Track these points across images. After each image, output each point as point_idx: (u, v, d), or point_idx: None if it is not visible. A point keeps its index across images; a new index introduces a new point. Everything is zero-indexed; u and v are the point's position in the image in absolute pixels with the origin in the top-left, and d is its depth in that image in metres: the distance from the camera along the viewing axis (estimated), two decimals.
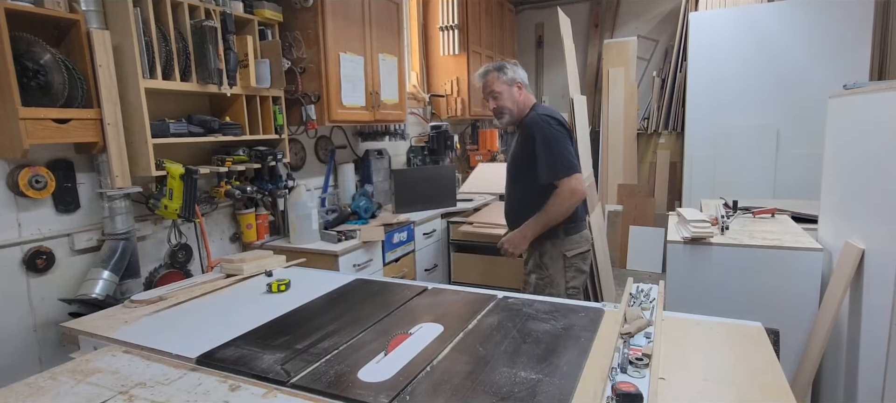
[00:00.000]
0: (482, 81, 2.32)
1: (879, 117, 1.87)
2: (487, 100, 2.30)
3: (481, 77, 2.32)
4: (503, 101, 2.26)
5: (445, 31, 4.38)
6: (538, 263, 2.28)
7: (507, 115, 2.27)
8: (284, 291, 1.80)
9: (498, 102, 2.27)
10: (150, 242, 2.28)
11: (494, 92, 2.26)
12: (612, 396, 1.04)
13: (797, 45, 4.13)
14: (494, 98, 2.26)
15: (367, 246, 2.77)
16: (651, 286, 1.62)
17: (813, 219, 2.57)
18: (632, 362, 1.16)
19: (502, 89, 2.25)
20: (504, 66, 2.29)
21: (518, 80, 2.27)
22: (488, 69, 2.30)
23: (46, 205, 1.93)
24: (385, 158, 3.77)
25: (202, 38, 2.17)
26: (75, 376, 1.21)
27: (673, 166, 5.25)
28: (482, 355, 1.24)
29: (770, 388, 1.08)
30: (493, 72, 2.28)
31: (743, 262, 2.21)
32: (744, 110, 4.36)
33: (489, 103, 2.30)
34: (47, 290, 1.93)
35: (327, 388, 1.09)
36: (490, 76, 2.28)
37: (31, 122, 1.71)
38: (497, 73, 2.27)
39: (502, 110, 2.27)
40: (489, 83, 2.28)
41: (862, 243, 1.94)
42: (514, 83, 2.26)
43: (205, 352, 1.29)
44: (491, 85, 2.27)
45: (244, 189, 2.47)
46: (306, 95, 2.77)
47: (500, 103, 2.26)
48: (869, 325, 1.90)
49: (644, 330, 1.32)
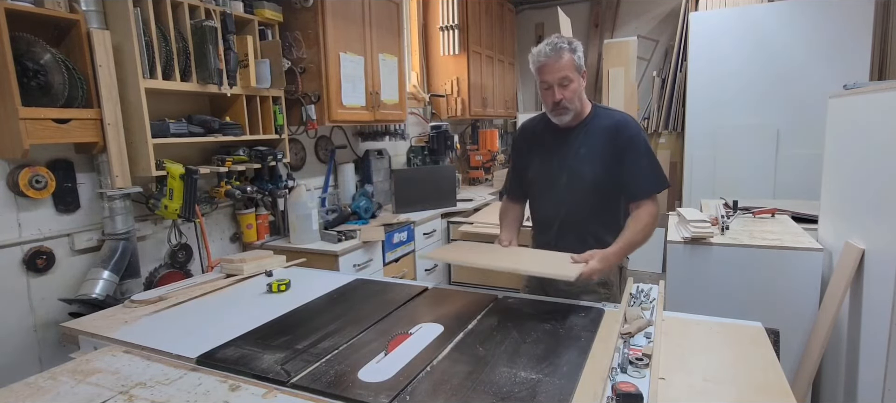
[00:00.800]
0: (550, 60, 1.69)
1: (879, 117, 1.87)
2: (551, 87, 1.71)
3: (552, 53, 1.69)
4: (573, 93, 1.72)
5: (445, 31, 4.38)
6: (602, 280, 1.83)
7: (571, 112, 1.75)
8: (284, 291, 1.80)
9: (567, 92, 1.70)
10: (150, 242, 2.27)
11: (568, 78, 1.69)
12: (612, 396, 1.04)
13: (797, 44, 4.13)
14: (564, 87, 1.70)
15: (368, 246, 2.77)
16: (651, 286, 1.63)
17: (813, 219, 2.57)
18: (632, 362, 1.16)
19: (575, 77, 1.72)
20: (576, 45, 1.73)
21: (584, 68, 1.76)
22: (560, 45, 1.68)
23: (47, 205, 1.93)
24: (385, 158, 3.77)
25: (202, 38, 2.17)
26: (75, 376, 1.21)
27: (673, 166, 5.25)
28: (482, 355, 1.24)
29: (770, 388, 1.08)
30: (568, 51, 1.69)
31: (743, 262, 2.21)
32: (744, 110, 4.36)
33: (553, 92, 1.70)
34: (47, 290, 1.93)
35: (327, 388, 1.09)
36: (565, 57, 1.68)
37: (32, 122, 1.71)
38: (572, 55, 1.70)
39: (569, 105, 1.73)
40: (564, 66, 1.68)
41: (862, 243, 1.94)
42: (583, 71, 1.75)
43: (205, 352, 1.29)
44: (566, 68, 1.68)
45: (244, 189, 2.47)
46: (306, 95, 2.77)
47: (570, 95, 1.71)
48: (869, 325, 1.90)
49: (644, 330, 1.33)
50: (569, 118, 1.77)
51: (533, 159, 1.92)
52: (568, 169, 1.81)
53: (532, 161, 1.92)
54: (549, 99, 1.74)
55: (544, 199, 1.89)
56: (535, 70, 1.75)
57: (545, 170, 1.87)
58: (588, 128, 1.81)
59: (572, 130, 1.82)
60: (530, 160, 1.93)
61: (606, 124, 1.79)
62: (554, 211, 1.85)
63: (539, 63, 1.72)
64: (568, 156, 1.81)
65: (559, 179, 1.83)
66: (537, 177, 1.90)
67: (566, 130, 1.83)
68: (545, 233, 1.90)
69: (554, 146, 1.85)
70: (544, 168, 1.87)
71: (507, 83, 5.33)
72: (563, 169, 1.82)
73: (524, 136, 1.98)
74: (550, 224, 1.87)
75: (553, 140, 1.86)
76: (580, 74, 1.74)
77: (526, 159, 1.95)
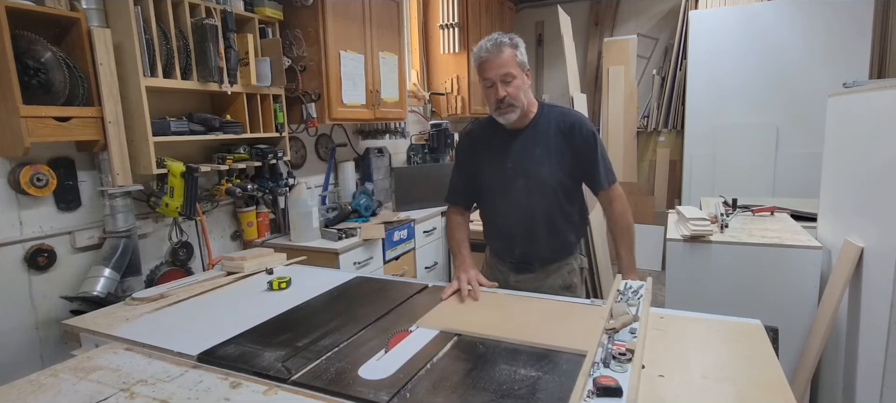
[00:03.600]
0: (491, 56, 1.65)
1: (879, 116, 1.87)
2: (494, 84, 1.66)
3: (492, 49, 1.64)
4: (517, 90, 1.67)
5: (445, 30, 4.38)
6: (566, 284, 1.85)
7: (518, 111, 1.69)
8: (285, 289, 1.81)
9: (510, 89, 1.65)
10: (151, 240, 2.28)
11: (511, 74, 1.65)
12: (592, 390, 1.05)
13: (797, 43, 4.13)
14: (507, 84, 1.65)
15: (368, 244, 2.77)
16: (640, 283, 1.62)
17: (812, 217, 2.58)
18: (615, 357, 1.17)
19: (518, 74, 1.67)
20: (517, 41, 1.69)
21: (528, 66, 1.72)
22: (501, 40, 1.65)
23: (48, 203, 1.94)
24: (385, 156, 3.78)
25: (203, 37, 2.17)
26: (77, 373, 1.22)
27: (672, 164, 5.25)
28: (482, 352, 1.24)
29: (769, 385, 1.08)
30: (510, 47, 1.65)
31: (742, 260, 2.22)
32: (743, 108, 4.36)
33: (496, 90, 1.65)
34: (49, 288, 1.94)
35: (328, 385, 1.10)
36: (506, 53, 1.64)
37: (33, 121, 1.71)
38: (513, 50, 1.66)
39: (515, 102, 1.67)
40: (506, 62, 1.64)
41: (861, 241, 1.94)
42: (526, 69, 1.71)
43: (206, 350, 1.29)
44: (507, 64, 1.64)
45: (245, 187, 2.48)
46: (307, 93, 2.77)
47: (514, 92, 1.66)
48: (868, 323, 1.91)
49: (629, 325, 1.33)
50: (515, 117, 1.71)
51: (482, 165, 1.85)
52: (524, 171, 1.75)
53: (481, 167, 1.85)
54: (492, 97, 1.68)
55: (501, 205, 1.82)
56: (477, 67, 1.70)
57: (499, 175, 1.79)
58: (539, 128, 1.76)
59: (522, 131, 1.77)
60: (479, 166, 1.86)
61: (559, 123, 1.76)
62: (515, 216, 1.80)
63: (480, 59, 1.67)
64: (523, 158, 1.75)
65: (516, 183, 1.77)
66: (491, 182, 1.82)
67: (515, 131, 1.77)
68: (507, 240, 1.85)
69: (505, 149, 1.77)
70: (498, 173, 1.80)
71: None
72: (518, 172, 1.76)
73: (469, 141, 1.89)
74: (512, 230, 1.82)
75: (503, 143, 1.78)
76: (523, 71, 1.70)
77: (473, 165, 1.87)
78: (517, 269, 1.86)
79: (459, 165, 1.95)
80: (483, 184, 1.86)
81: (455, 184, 1.95)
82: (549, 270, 1.84)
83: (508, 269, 1.88)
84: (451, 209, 1.95)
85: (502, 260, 1.90)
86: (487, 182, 1.84)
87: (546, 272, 1.84)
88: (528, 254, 1.82)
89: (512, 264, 1.87)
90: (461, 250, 1.85)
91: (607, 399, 1.03)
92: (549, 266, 1.84)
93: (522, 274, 1.86)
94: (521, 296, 1.66)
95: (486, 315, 1.48)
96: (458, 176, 1.94)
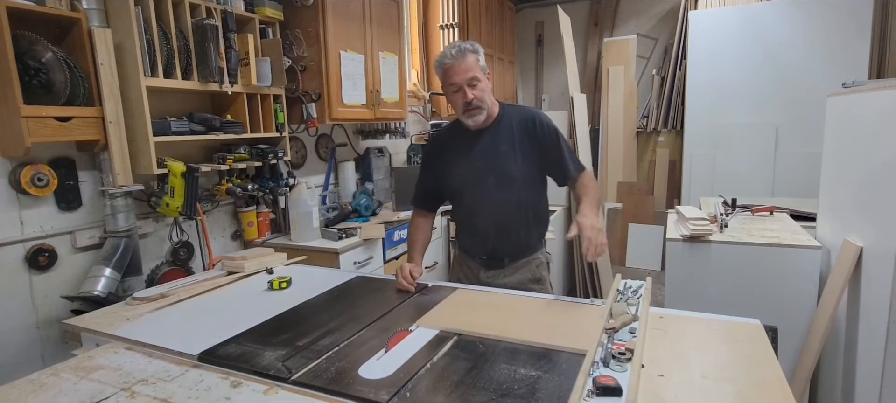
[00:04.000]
0: (455, 62, 1.72)
1: (878, 115, 1.87)
2: (460, 89, 1.74)
3: (457, 55, 1.73)
4: (483, 93, 1.77)
5: (446, 30, 4.39)
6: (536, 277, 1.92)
7: (484, 112, 1.78)
8: (285, 289, 1.81)
9: (476, 92, 1.74)
10: (151, 240, 2.28)
11: (476, 78, 1.74)
12: (592, 389, 1.05)
13: (796, 43, 4.14)
14: (473, 87, 1.74)
15: (368, 244, 2.77)
16: (640, 282, 1.63)
17: (811, 217, 2.58)
18: (615, 356, 1.17)
19: (482, 77, 1.76)
20: (478, 47, 1.78)
21: (488, 70, 1.82)
22: (463, 47, 1.74)
23: (48, 203, 1.94)
24: (385, 156, 3.78)
25: (203, 37, 2.17)
26: (78, 373, 1.22)
27: (672, 164, 5.25)
28: (482, 352, 1.25)
29: (768, 385, 1.08)
30: (472, 53, 1.74)
31: (741, 260, 2.22)
32: (743, 108, 4.37)
33: (464, 93, 1.73)
34: (49, 288, 1.94)
35: (328, 385, 1.10)
36: (469, 58, 1.73)
37: (33, 121, 1.71)
38: (476, 55, 1.75)
39: (481, 104, 1.76)
40: (470, 66, 1.72)
41: (860, 241, 1.94)
42: (487, 73, 1.81)
43: (206, 349, 1.30)
44: (472, 69, 1.73)
45: (245, 187, 2.48)
46: (307, 93, 2.77)
47: (480, 94, 1.75)
48: (867, 322, 1.91)
49: (629, 325, 1.33)
50: (482, 118, 1.79)
51: (451, 167, 1.90)
52: (493, 168, 1.82)
53: (450, 169, 1.90)
54: (459, 101, 1.76)
55: (473, 204, 1.88)
56: (442, 74, 1.77)
57: (469, 175, 1.85)
58: (502, 126, 1.84)
59: (487, 130, 1.84)
60: (448, 168, 1.90)
61: (520, 119, 1.84)
62: (488, 214, 1.85)
63: (445, 66, 1.75)
64: (490, 156, 1.82)
65: (486, 181, 1.82)
66: (461, 182, 1.88)
67: (479, 131, 1.83)
68: (480, 236, 1.89)
69: (471, 149, 1.84)
70: (467, 172, 1.85)
71: (507, 81, 5.33)
72: (487, 170, 1.82)
73: (436, 146, 1.98)
74: (485, 226, 1.87)
75: (469, 144, 1.85)
76: (485, 75, 1.78)
77: (441, 169, 1.92)
78: (487, 265, 1.91)
79: (426, 170, 2.02)
80: (453, 185, 1.92)
81: (420, 189, 2.02)
82: (517, 265, 1.90)
83: (478, 266, 1.93)
84: (416, 212, 2.04)
85: (472, 256, 1.95)
86: (458, 183, 1.90)
87: (515, 267, 1.90)
88: (499, 249, 1.88)
89: (482, 260, 1.92)
90: (414, 247, 1.97)
91: (607, 398, 1.03)
92: (517, 260, 1.90)
93: (492, 269, 1.91)
94: (521, 296, 1.67)
95: (486, 314, 1.49)
96: (425, 181, 2.01)
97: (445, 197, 2.00)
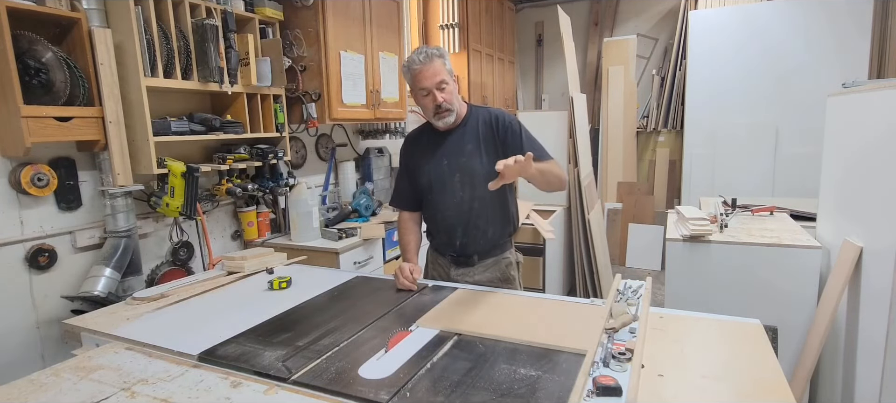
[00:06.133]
0: (424, 67, 1.77)
1: (878, 115, 1.87)
2: (430, 92, 1.79)
3: (425, 60, 1.77)
4: (451, 95, 1.82)
5: (445, 30, 4.39)
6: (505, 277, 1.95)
7: (454, 113, 1.83)
8: (285, 289, 1.81)
9: (445, 95, 1.79)
10: (151, 240, 2.28)
11: (444, 81, 1.79)
12: (592, 389, 1.05)
13: (796, 43, 4.14)
14: (442, 90, 1.79)
15: (368, 244, 2.77)
16: (640, 282, 1.63)
17: (811, 217, 2.58)
18: (615, 356, 1.17)
19: (450, 80, 1.82)
20: (444, 51, 1.84)
21: (455, 73, 1.88)
22: (431, 52, 1.79)
23: (49, 203, 1.94)
24: (385, 156, 3.78)
25: (203, 37, 2.17)
26: (78, 373, 1.22)
27: (672, 164, 5.26)
28: (482, 352, 1.25)
29: (768, 385, 1.09)
30: (439, 57, 1.79)
31: (741, 260, 2.22)
32: (743, 108, 4.37)
33: (433, 97, 1.79)
34: (50, 287, 1.94)
35: (328, 385, 1.10)
36: (437, 62, 1.78)
37: (33, 121, 1.72)
38: (442, 60, 1.80)
39: (450, 107, 1.81)
40: (438, 70, 1.77)
41: (860, 241, 1.95)
42: (454, 76, 1.86)
43: (206, 349, 1.30)
44: (440, 72, 1.78)
45: (245, 187, 2.48)
46: (307, 93, 2.77)
47: (449, 97, 1.80)
48: (867, 322, 1.91)
49: (629, 325, 1.33)
50: (452, 119, 1.85)
51: (421, 166, 1.96)
52: (459, 167, 1.88)
53: (421, 168, 1.96)
54: (430, 104, 1.82)
55: (441, 202, 1.93)
56: (411, 79, 1.82)
57: (438, 174, 1.92)
58: (468, 126, 1.91)
59: (455, 131, 1.91)
60: (419, 167, 1.97)
61: (484, 119, 1.90)
62: (454, 211, 1.90)
63: (414, 71, 1.79)
64: (457, 155, 1.89)
65: (452, 179, 1.89)
66: (430, 181, 1.94)
67: (448, 132, 1.90)
68: (447, 233, 1.95)
69: (441, 149, 1.91)
70: (436, 172, 1.92)
71: (507, 81, 5.33)
72: (454, 168, 1.89)
73: (409, 147, 2.03)
74: (452, 223, 1.92)
75: (438, 144, 1.91)
76: (453, 78, 1.84)
77: (414, 168, 1.98)
78: (457, 263, 1.96)
79: (403, 171, 2.06)
80: (423, 184, 1.97)
81: (402, 190, 2.07)
82: (486, 263, 1.95)
83: (449, 263, 1.98)
84: (402, 213, 2.08)
85: (443, 254, 2.00)
86: (427, 181, 1.95)
87: (484, 265, 1.95)
88: (467, 246, 1.93)
89: (452, 258, 1.97)
90: (408, 248, 2.00)
91: (607, 398, 1.03)
92: (486, 259, 1.95)
93: (462, 267, 1.95)
94: (521, 296, 1.67)
95: (486, 315, 1.49)
96: (402, 181, 2.06)
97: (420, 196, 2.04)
